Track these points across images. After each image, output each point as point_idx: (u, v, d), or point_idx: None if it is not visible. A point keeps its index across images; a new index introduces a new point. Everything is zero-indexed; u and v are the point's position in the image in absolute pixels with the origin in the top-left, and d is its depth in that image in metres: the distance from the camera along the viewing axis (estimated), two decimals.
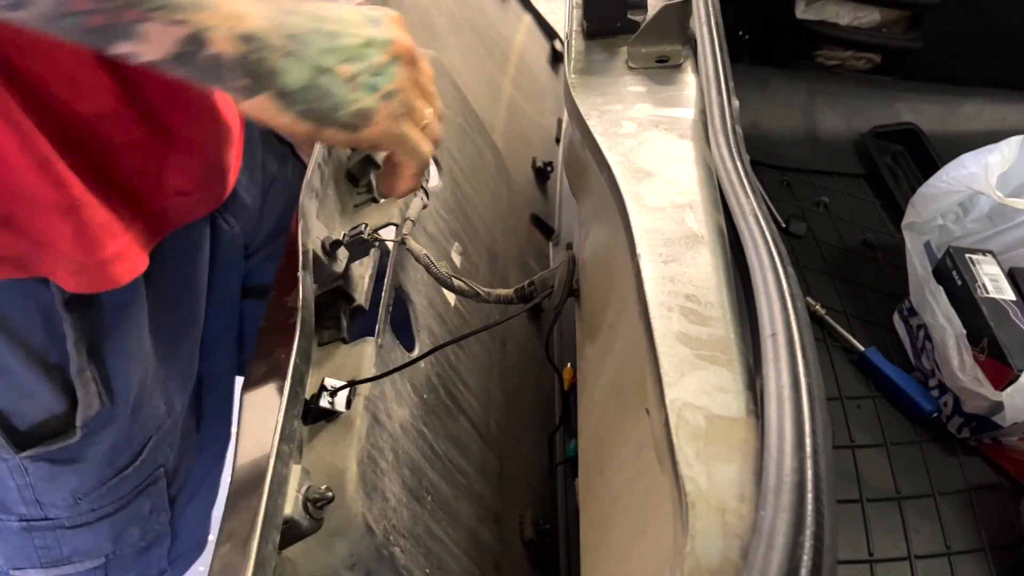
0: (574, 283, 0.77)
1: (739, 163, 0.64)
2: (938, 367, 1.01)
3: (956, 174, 1.05)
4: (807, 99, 1.56)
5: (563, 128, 1.53)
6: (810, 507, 0.38)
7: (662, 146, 0.68)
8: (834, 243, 1.28)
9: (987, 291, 0.98)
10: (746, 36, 1.63)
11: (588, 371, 0.79)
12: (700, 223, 0.60)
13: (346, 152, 0.82)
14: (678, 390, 0.48)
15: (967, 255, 1.03)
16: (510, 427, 1.03)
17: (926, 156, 1.44)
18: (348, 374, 0.68)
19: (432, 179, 0.99)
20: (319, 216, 0.71)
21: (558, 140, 1.60)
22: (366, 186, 0.83)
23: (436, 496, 0.77)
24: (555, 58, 1.75)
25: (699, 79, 0.75)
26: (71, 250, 0.62)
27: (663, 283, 0.55)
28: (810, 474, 0.39)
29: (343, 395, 0.65)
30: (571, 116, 0.77)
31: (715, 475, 0.43)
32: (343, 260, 0.71)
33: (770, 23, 1.61)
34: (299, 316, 0.61)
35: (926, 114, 1.53)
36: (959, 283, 1.00)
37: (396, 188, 0.61)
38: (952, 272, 1.01)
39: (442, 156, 1.02)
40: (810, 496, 0.38)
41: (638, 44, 0.80)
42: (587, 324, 0.80)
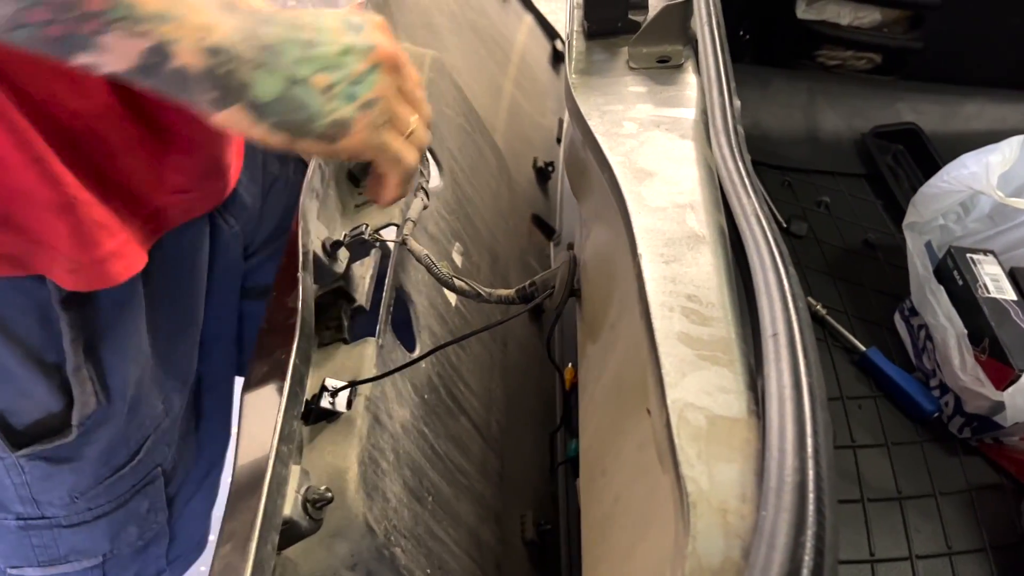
0: (575, 283, 0.77)
1: (740, 163, 0.63)
2: (939, 367, 1.01)
3: (957, 174, 1.05)
4: (808, 99, 1.56)
5: (564, 128, 1.53)
6: (811, 507, 0.38)
7: (663, 146, 0.68)
8: (835, 243, 1.28)
9: (988, 291, 0.98)
10: (747, 36, 1.63)
11: (589, 371, 0.79)
12: (701, 223, 0.60)
13: None
14: (679, 390, 0.48)
15: (968, 255, 1.03)
16: (511, 427, 1.03)
17: (927, 156, 1.44)
18: (349, 374, 0.68)
19: (433, 179, 0.99)
20: (320, 216, 0.71)
21: (559, 140, 1.60)
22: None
23: (437, 496, 0.77)
24: (556, 58, 1.75)
25: (700, 79, 0.75)
26: (67, 248, 0.62)
27: (664, 283, 0.55)
28: (811, 474, 0.39)
29: (344, 395, 0.65)
30: (572, 116, 0.77)
31: (716, 475, 0.43)
32: (344, 260, 0.71)
33: (771, 23, 1.61)
34: (299, 317, 0.61)
35: (927, 114, 1.53)
36: (960, 283, 1.00)
37: (382, 197, 0.60)
38: (953, 272, 1.01)
39: (443, 156, 1.02)
40: (811, 496, 0.38)
41: (639, 44, 0.80)
42: (588, 324, 0.80)
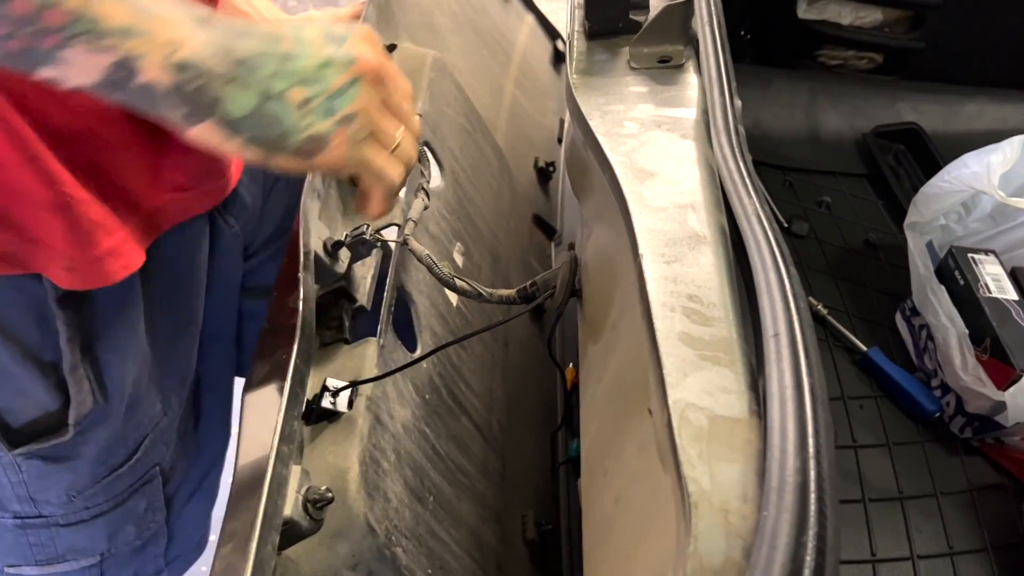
0: (576, 283, 0.77)
1: (741, 163, 0.63)
2: (940, 367, 1.01)
3: (958, 174, 1.05)
4: (809, 99, 1.56)
5: (565, 128, 1.53)
6: (813, 507, 0.38)
7: (664, 146, 0.68)
8: (836, 243, 1.28)
9: (989, 291, 0.98)
10: (748, 36, 1.63)
11: (590, 371, 0.79)
12: (702, 223, 0.60)
13: None
14: (681, 390, 0.48)
15: (969, 255, 1.02)
16: (512, 427, 1.03)
17: (928, 156, 1.44)
18: (350, 374, 0.68)
19: (434, 179, 0.99)
20: (321, 216, 0.71)
21: (560, 140, 1.60)
22: None
23: (438, 496, 0.77)
24: (557, 58, 1.75)
25: (701, 79, 0.75)
26: (64, 246, 0.61)
27: (665, 283, 0.55)
28: (813, 474, 0.39)
29: (345, 395, 0.65)
30: (573, 116, 0.77)
31: (718, 475, 0.43)
32: (345, 260, 0.71)
33: (772, 23, 1.61)
34: (300, 317, 0.61)
35: (928, 114, 1.53)
36: (961, 283, 1.00)
37: (367, 212, 0.59)
38: (954, 272, 1.01)
39: (444, 156, 1.02)
40: (813, 496, 0.38)
41: (640, 44, 0.80)
42: (589, 324, 0.80)
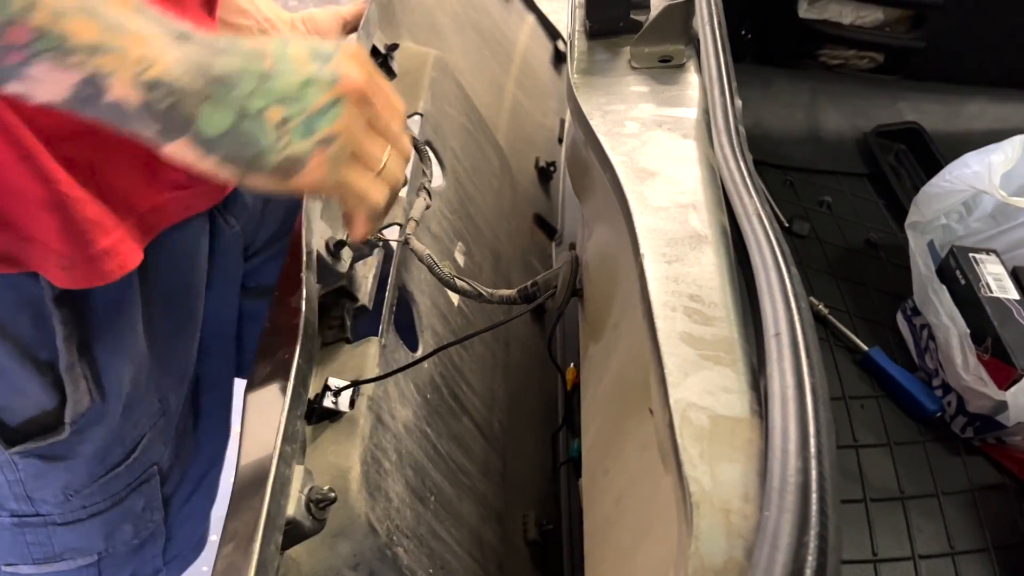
0: (577, 283, 0.77)
1: (742, 163, 0.63)
2: (942, 367, 1.01)
3: (959, 173, 1.05)
4: (810, 98, 1.56)
5: (566, 128, 1.53)
6: (814, 507, 0.38)
7: (665, 146, 0.68)
8: (837, 243, 1.27)
9: (991, 290, 0.98)
10: (749, 36, 1.63)
11: (592, 371, 0.79)
12: (703, 223, 0.60)
13: None
14: (682, 390, 0.48)
15: (970, 254, 1.02)
16: (513, 427, 1.03)
17: (929, 155, 1.44)
18: (352, 374, 0.68)
19: (436, 178, 0.99)
20: (323, 216, 0.71)
21: (561, 140, 1.60)
22: None
23: (439, 496, 0.77)
24: (558, 58, 1.75)
25: (702, 79, 0.75)
26: (59, 245, 0.61)
27: (667, 283, 0.55)
28: (814, 474, 0.39)
29: (347, 395, 0.65)
30: (574, 116, 0.77)
31: (719, 475, 0.43)
32: (347, 260, 0.71)
33: (773, 22, 1.61)
34: (303, 317, 0.61)
35: (929, 113, 1.53)
36: (963, 282, 1.00)
37: (350, 233, 0.58)
38: (955, 271, 1.01)
39: (446, 155, 1.02)
40: (814, 496, 0.38)
41: (641, 44, 0.80)
42: (590, 324, 0.80)
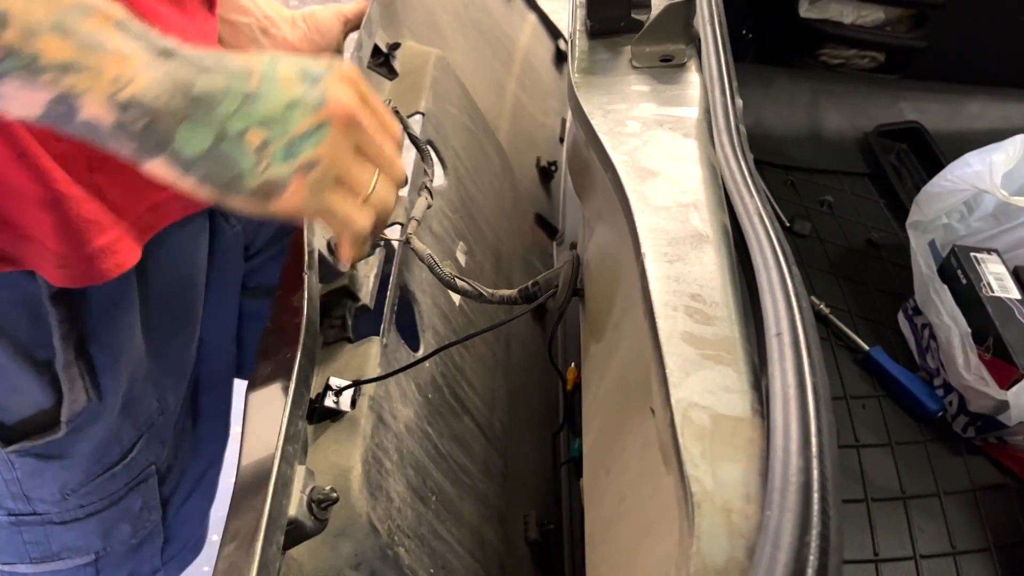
0: (578, 283, 0.77)
1: (743, 162, 0.63)
2: (943, 366, 1.01)
3: (961, 173, 1.05)
4: (811, 98, 1.56)
5: (567, 128, 1.53)
6: (816, 507, 0.38)
7: (666, 145, 0.68)
8: (838, 242, 1.27)
9: (992, 290, 0.98)
10: (750, 35, 1.63)
11: (593, 371, 0.79)
12: (705, 222, 0.60)
13: None
14: (683, 390, 0.48)
15: (972, 254, 1.02)
16: (514, 427, 1.03)
17: (930, 155, 1.44)
18: (353, 374, 0.68)
19: (437, 178, 0.99)
20: None
21: (562, 140, 1.60)
22: None
23: (440, 496, 0.77)
24: (559, 58, 1.75)
25: (703, 78, 0.75)
26: (55, 244, 0.61)
27: (668, 282, 0.55)
28: (816, 474, 0.39)
29: (348, 395, 0.65)
30: (575, 115, 0.77)
31: (721, 475, 0.43)
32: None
33: (774, 22, 1.61)
34: (304, 316, 0.61)
35: (930, 113, 1.53)
36: (964, 282, 1.00)
37: (337, 257, 0.57)
38: (957, 271, 1.01)
39: (447, 155, 1.02)
40: (816, 496, 0.38)
41: (642, 43, 0.80)
42: (591, 324, 0.80)
